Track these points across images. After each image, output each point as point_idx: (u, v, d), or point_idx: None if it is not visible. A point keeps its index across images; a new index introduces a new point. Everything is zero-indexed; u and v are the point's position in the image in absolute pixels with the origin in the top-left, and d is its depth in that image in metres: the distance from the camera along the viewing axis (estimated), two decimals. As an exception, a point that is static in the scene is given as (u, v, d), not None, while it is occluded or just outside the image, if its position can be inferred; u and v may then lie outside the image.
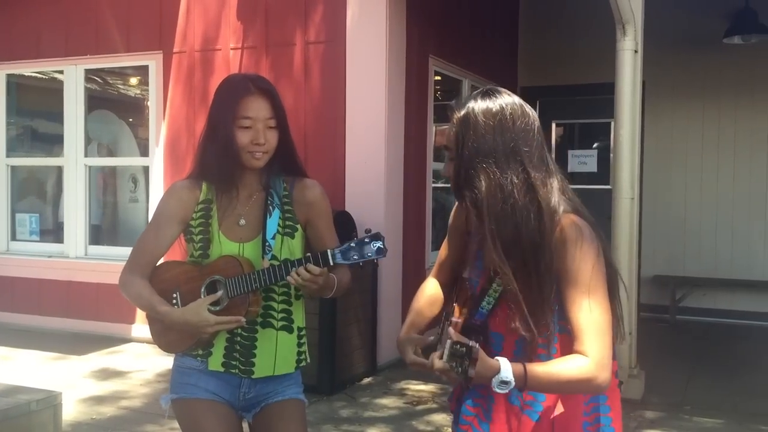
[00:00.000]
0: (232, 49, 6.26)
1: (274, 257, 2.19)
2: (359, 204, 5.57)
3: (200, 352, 2.26)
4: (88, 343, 6.42)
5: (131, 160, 7.30)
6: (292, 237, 2.28)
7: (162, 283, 2.28)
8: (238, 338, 2.24)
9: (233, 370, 2.24)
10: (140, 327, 6.58)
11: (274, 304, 2.26)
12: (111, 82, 7.72)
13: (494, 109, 1.80)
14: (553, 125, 8.61)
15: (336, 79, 5.83)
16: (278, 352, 2.26)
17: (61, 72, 7.16)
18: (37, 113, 7.98)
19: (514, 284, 1.74)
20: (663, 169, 8.06)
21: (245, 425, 2.35)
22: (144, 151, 7.02)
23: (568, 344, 1.75)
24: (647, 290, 7.64)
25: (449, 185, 1.91)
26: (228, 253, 2.22)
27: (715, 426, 4.50)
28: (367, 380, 5.41)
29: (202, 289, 2.20)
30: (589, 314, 1.70)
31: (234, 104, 2.18)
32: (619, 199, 4.94)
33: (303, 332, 2.35)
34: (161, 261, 2.33)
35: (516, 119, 1.80)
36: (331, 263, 2.09)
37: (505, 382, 1.62)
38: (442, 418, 4.50)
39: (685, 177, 8.12)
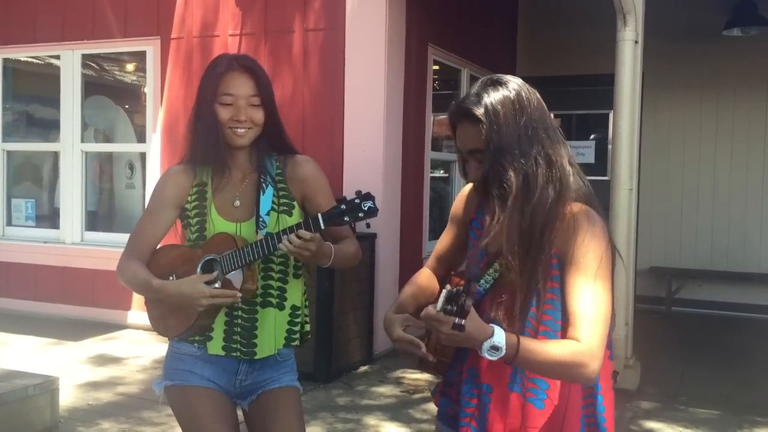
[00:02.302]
0: (230, 35, 6.23)
1: (269, 234, 2.16)
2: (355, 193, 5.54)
3: (198, 338, 2.23)
4: (84, 329, 6.42)
5: (128, 147, 7.27)
6: (290, 215, 2.27)
7: (159, 268, 2.27)
8: (239, 320, 2.22)
9: (234, 354, 2.23)
10: (136, 313, 6.57)
11: (272, 282, 2.25)
12: (107, 68, 7.68)
13: (511, 97, 1.75)
14: (551, 116, 8.59)
15: (335, 66, 5.80)
16: (277, 331, 2.25)
17: (57, 57, 7.11)
18: (33, 98, 7.94)
19: (517, 275, 1.71)
20: (660, 160, 8.06)
21: (240, 413, 2.34)
22: (141, 138, 6.99)
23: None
24: (643, 281, 7.66)
25: (446, 175, 1.89)
26: (223, 230, 2.21)
27: (710, 417, 4.52)
28: (363, 368, 5.42)
29: (198, 268, 2.19)
30: (591, 302, 1.67)
31: (216, 81, 2.18)
32: (617, 190, 4.94)
33: (299, 311, 2.32)
34: (159, 246, 2.32)
35: (530, 102, 1.77)
36: (322, 227, 2.05)
37: (495, 348, 1.57)
38: None
39: (682, 168, 8.13)
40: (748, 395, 4.98)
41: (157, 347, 5.79)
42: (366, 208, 2.02)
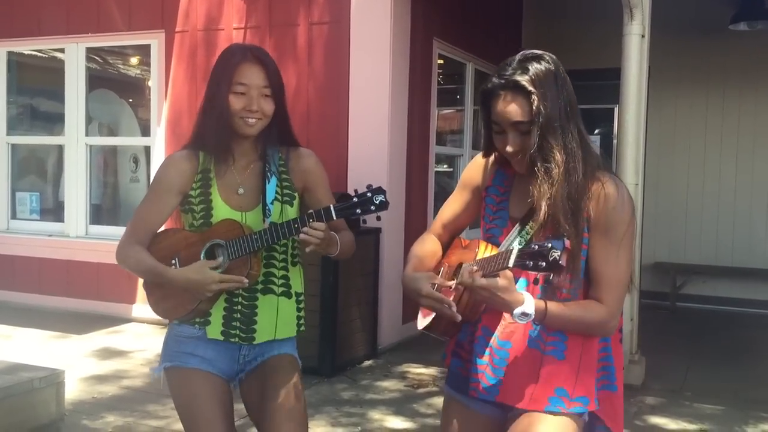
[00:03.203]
0: (235, 28, 6.21)
1: (273, 223, 2.19)
2: (362, 186, 5.53)
3: (198, 320, 2.26)
4: (89, 322, 6.42)
5: (132, 140, 7.27)
6: (291, 205, 2.30)
7: (161, 251, 2.27)
8: (239, 306, 2.25)
9: (233, 339, 2.25)
10: (141, 307, 6.58)
11: (275, 270, 2.28)
12: (112, 61, 7.67)
13: (553, 71, 1.83)
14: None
15: (339, 60, 5.79)
16: (279, 318, 2.28)
17: (62, 50, 7.11)
18: (37, 92, 7.94)
19: (573, 238, 1.77)
20: (665, 155, 8.04)
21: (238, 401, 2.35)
22: (145, 131, 6.99)
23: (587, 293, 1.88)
24: (648, 277, 7.65)
25: (450, 170, 1.93)
26: (228, 217, 2.22)
27: (715, 412, 4.51)
28: (367, 363, 5.42)
29: (202, 253, 2.21)
30: (615, 267, 1.83)
31: (230, 71, 2.20)
32: (623, 185, 4.91)
33: (302, 298, 2.37)
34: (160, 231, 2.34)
35: (566, 77, 1.86)
36: (334, 218, 2.09)
37: (525, 314, 1.74)
38: (443, 402, 4.50)
39: (687, 164, 8.10)
40: (754, 390, 4.97)
41: (162, 341, 5.79)
42: (378, 202, 2.07)
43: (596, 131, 8.48)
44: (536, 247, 1.62)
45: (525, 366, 1.87)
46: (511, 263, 1.65)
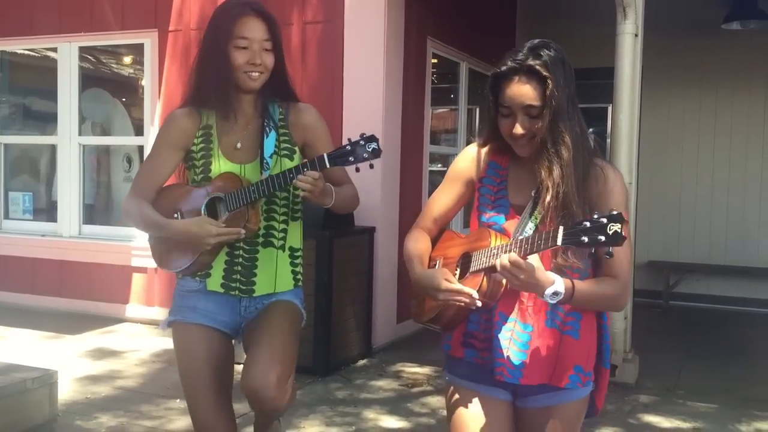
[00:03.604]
0: (228, 28, 6.19)
1: (272, 175, 2.22)
2: (356, 185, 5.53)
3: (199, 273, 2.31)
4: (82, 322, 6.40)
5: (126, 140, 7.25)
6: (291, 159, 2.33)
7: (164, 206, 2.33)
8: (239, 259, 2.30)
9: (233, 292, 2.29)
10: (134, 307, 6.56)
11: (276, 224, 2.33)
12: (105, 60, 7.64)
13: (561, 57, 1.91)
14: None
15: (333, 59, 5.78)
16: (278, 271, 2.33)
17: (54, 49, 7.08)
18: (30, 91, 7.91)
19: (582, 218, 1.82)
20: (659, 154, 8.05)
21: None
22: (138, 131, 6.97)
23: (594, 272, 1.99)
24: (641, 275, 7.65)
25: (444, 169, 1.95)
26: (228, 170, 2.26)
27: (708, 410, 4.52)
28: (362, 362, 5.42)
29: (203, 207, 2.25)
30: (623, 249, 1.85)
31: (231, 25, 2.20)
32: (617, 184, 4.92)
33: (298, 253, 2.41)
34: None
35: (571, 65, 1.93)
36: (327, 166, 2.14)
37: (556, 293, 1.81)
38: (437, 401, 4.51)
39: (680, 162, 8.12)
40: (747, 389, 4.98)
41: (156, 341, 5.78)
42: (370, 150, 2.14)
43: (590, 130, 8.43)
44: (588, 223, 1.65)
45: (545, 347, 1.95)
46: (559, 241, 1.68)
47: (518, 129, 1.91)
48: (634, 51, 4.88)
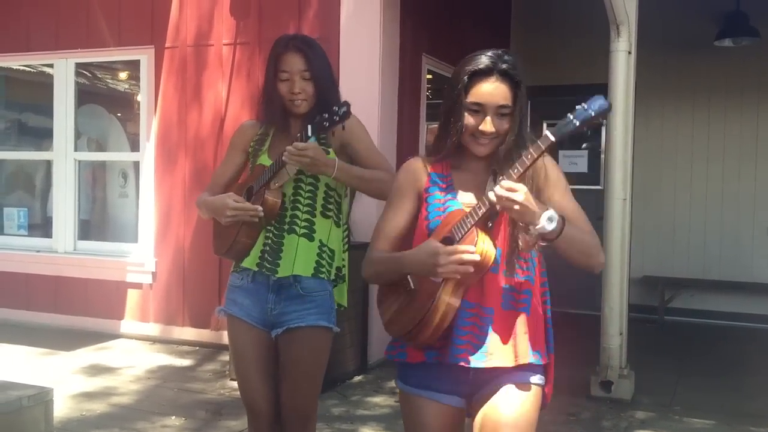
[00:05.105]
0: (224, 44, 6.23)
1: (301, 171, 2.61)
2: (354, 202, 5.55)
3: (240, 267, 2.70)
4: (77, 338, 6.38)
5: (121, 155, 7.25)
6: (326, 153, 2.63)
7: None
8: (269, 241, 2.66)
9: (263, 269, 2.66)
10: (129, 323, 6.55)
11: (299, 213, 2.67)
12: (101, 76, 7.66)
13: (522, 67, 2.03)
14: (545, 125, 8.60)
15: (329, 76, 5.80)
16: (297, 256, 2.63)
17: (51, 65, 7.10)
18: (26, 107, 7.92)
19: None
20: (652, 170, 8.09)
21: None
22: (134, 146, 6.97)
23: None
24: (636, 291, 7.65)
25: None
26: (261, 163, 2.68)
27: (704, 426, 4.52)
28: (358, 378, 5.41)
29: (243, 194, 2.69)
30: (579, 209, 2.07)
31: (275, 61, 2.65)
32: (612, 200, 4.96)
33: (326, 248, 2.69)
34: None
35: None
36: (309, 134, 2.48)
37: (551, 219, 1.84)
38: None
39: (674, 178, 8.16)
40: (743, 404, 4.99)
41: (150, 357, 5.76)
42: (341, 113, 2.46)
43: (584, 146, 8.52)
44: (570, 115, 1.86)
45: (504, 327, 2.00)
46: (552, 138, 1.81)
47: (488, 126, 2.00)
48: (627, 68, 4.92)
